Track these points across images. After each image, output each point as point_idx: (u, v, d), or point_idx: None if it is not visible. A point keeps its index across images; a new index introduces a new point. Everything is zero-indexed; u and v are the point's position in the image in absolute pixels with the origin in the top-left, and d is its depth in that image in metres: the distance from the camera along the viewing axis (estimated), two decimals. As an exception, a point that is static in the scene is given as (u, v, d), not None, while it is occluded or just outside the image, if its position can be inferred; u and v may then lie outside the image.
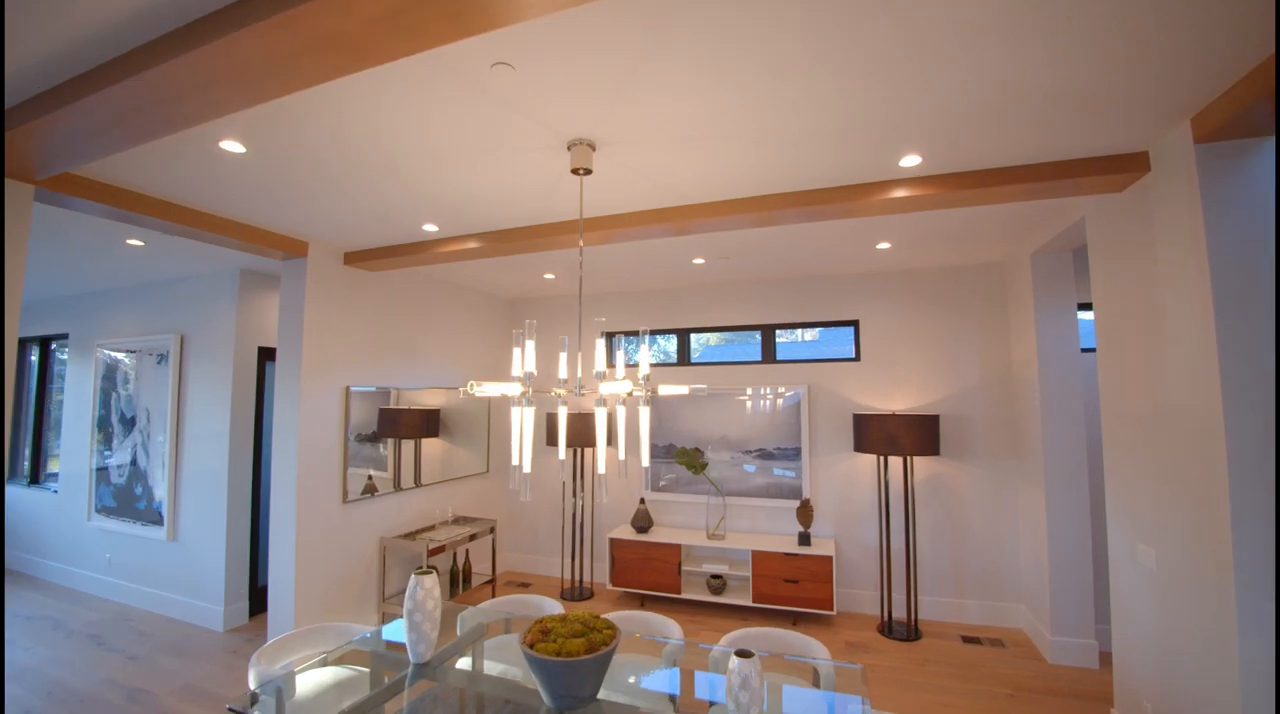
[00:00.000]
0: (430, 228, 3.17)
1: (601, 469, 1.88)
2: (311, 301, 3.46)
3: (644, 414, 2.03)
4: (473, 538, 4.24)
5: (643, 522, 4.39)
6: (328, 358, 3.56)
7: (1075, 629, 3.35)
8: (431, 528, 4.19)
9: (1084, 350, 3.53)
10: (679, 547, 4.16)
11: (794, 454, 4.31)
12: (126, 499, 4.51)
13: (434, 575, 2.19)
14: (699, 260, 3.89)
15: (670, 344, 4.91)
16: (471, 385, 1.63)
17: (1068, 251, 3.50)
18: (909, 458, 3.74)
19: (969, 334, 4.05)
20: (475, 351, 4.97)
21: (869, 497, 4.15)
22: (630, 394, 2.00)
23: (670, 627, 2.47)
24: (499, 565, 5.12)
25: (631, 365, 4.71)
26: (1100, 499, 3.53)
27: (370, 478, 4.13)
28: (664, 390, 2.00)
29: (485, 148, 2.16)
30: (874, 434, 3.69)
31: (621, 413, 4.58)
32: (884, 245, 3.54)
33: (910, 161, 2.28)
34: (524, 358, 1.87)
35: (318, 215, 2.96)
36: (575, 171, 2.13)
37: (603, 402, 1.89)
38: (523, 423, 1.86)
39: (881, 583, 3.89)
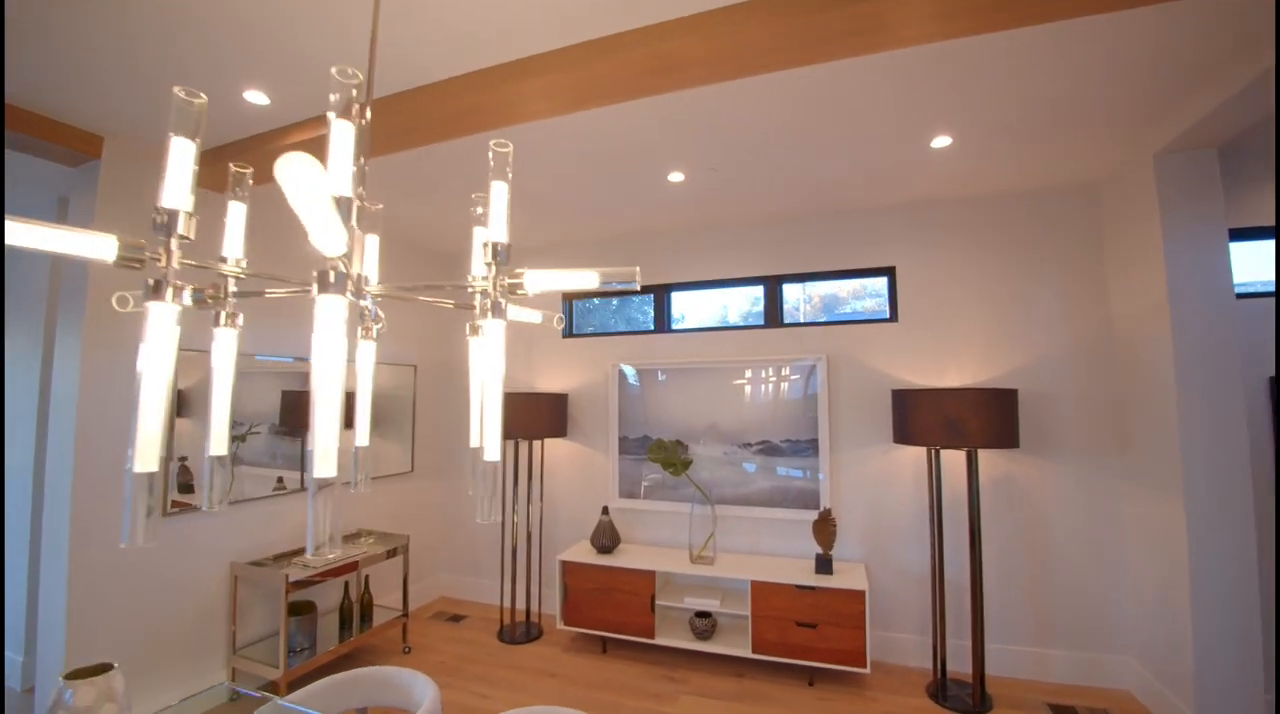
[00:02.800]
0: (257, 98, 2.07)
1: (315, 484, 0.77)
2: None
3: (493, 332, 0.91)
4: (391, 554, 3.17)
5: (606, 538, 3.29)
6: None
7: (1235, 703, 2.23)
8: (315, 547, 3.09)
9: (1240, 296, 2.42)
10: (652, 574, 3.05)
11: (808, 449, 3.20)
12: (-70, 507, 3.43)
13: (103, 682, 1.09)
14: (677, 176, 2.79)
15: (646, 310, 3.81)
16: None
17: (1211, 149, 2.39)
18: (973, 452, 2.63)
19: (1048, 281, 2.93)
20: (407, 320, 3.87)
21: (913, 506, 3.03)
22: (484, 292, 0.92)
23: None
24: (430, 590, 4.02)
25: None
26: (1273, 515, 2.42)
27: (281, 480, 3.10)
28: (535, 283, 0.90)
29: None
30: (925, 418, 2.58)
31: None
32: (942, 141, 2.43)
33: None
34: (165, 189, 0.77)
35: (77, 68, 1.88)
36: None
37: (368, 316, 0.80)
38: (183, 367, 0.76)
39: (934, 625, 2.78)
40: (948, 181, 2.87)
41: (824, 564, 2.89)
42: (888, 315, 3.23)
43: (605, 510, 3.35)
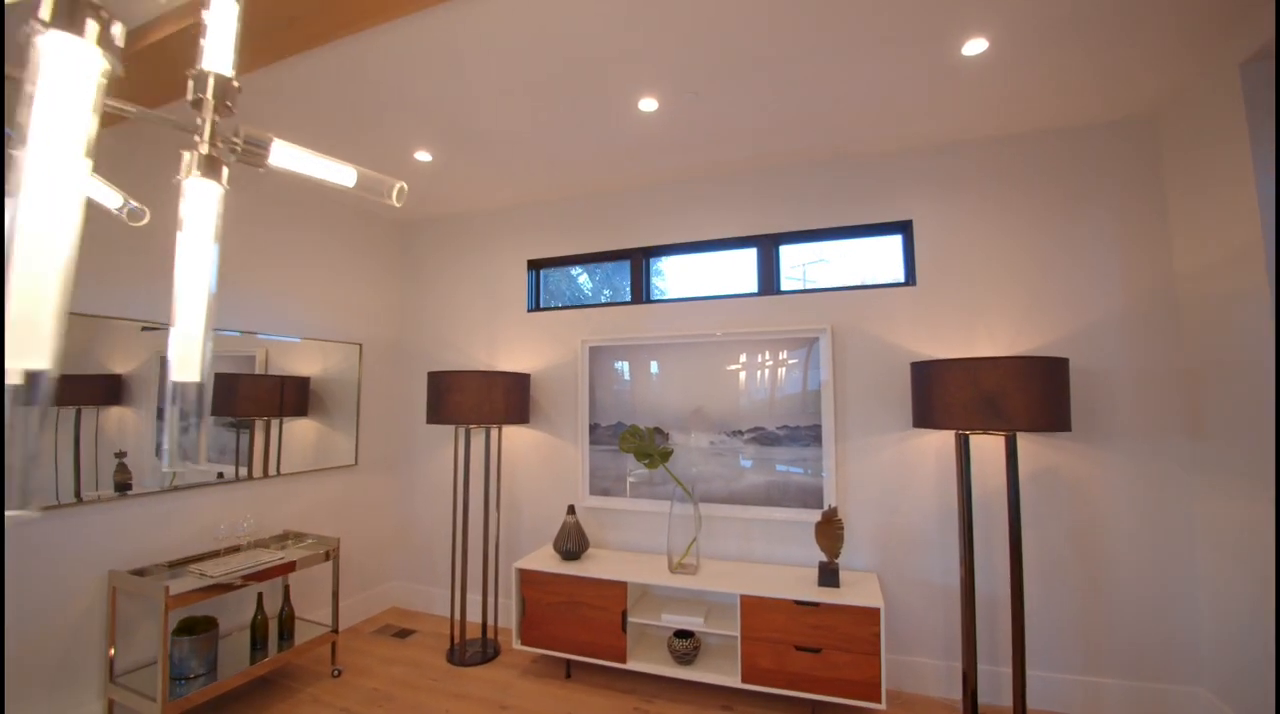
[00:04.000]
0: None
1: None
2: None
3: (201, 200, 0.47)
4: (326, 557, 2.72)
5: (572, 543, 2.80)
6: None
7: (1358, 761, 1.73)
8: (216, 555, 2.61)
9: (1354, 233, 1.92)
10: (623, 586, 2.56)
11: (809, 437, 2.71)
12: None
13: None
14: (649, 103, 2.30)
15: (622, 280, 3.32)
16: None
17: (1315, 54, 1.90)
18: (1013, 438, 2.13)
19: (1097, 233, 2.44)
20: (352, 291, 3.40)
21: (936, 504, 2.54)
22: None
23: None
24: (380, 600, 3.53)
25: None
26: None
27: (221, 476, 2.73)
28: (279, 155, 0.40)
29: None
30: (955, 395, 2.08)
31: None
32: (977, 45, 1.94)
33: None
34: None
35: None
36: None
37: None
38: None
39: (965, 649, 2.28)
40: (976, 114, 2.37)
41: (829, 575, 2.40)
42: (904, 278, 2.74)
43: (571, 510, 2.86)
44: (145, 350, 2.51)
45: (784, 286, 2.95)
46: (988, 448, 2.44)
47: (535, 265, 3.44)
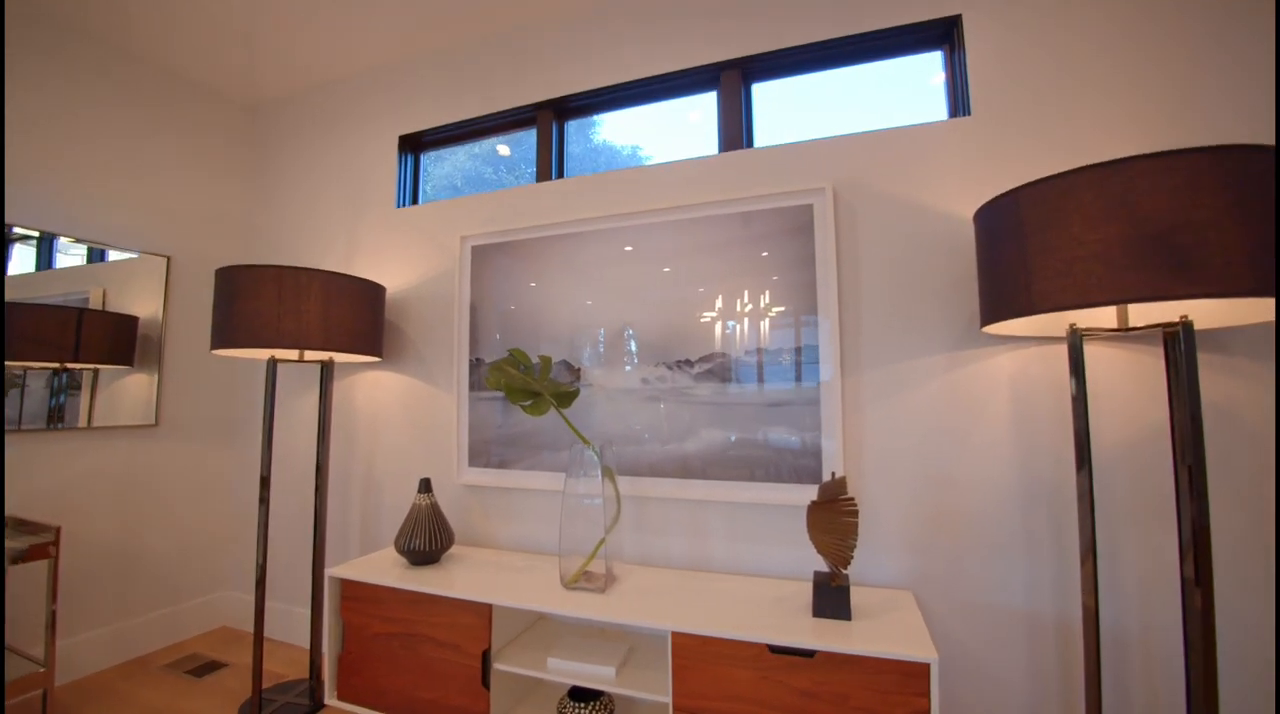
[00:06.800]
0: None
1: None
2: None
3: None
4: (25, 558, 1.77)
5: (421, 539, 1.78)
6: None
7: None
8: None
9: None
10: (487, 610, 1.54)
11: (794, 367, 1.68)
12: None
13: None
14: None
15: (526, 146, 2.29)
16: None
17: None
18: (1189, 333, 1.09)
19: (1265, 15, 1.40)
20: (153, 178, 2.40)
21: (1017, 470, 1.50)
22: None
23: None
24: (208, 616, 2.53)
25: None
26: None
27: None
28: None
29: None
30: (1086, 234, 1.03)
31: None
32: None
33: None
34: None
35: None
36: None
37: None
38: None
39: (1073, 735, 1.25)
40: None
41: (832, 597, 1.36)
42: (948, 109, 1.71)
43: (426, 486, 1.84)
44: None
45: (759, 139, 1.92)
46: (1099, 370, 1.41)
47: (410, 144, 2.42)
